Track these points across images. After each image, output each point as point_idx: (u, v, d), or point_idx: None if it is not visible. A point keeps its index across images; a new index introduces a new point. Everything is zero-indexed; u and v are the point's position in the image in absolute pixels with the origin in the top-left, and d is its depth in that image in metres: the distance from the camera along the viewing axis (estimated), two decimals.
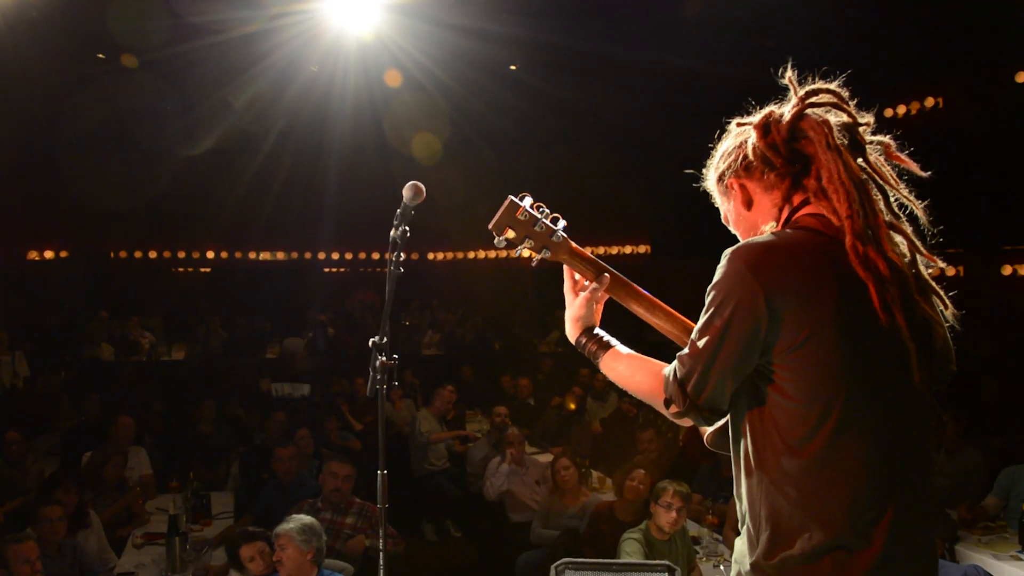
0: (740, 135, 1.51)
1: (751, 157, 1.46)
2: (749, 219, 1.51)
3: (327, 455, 5.03)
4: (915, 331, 1.32)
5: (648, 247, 13.50)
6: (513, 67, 9.04)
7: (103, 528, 4.35)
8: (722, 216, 1.60)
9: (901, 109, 9.14)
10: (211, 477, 5.79)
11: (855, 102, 1.45)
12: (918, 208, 1.43)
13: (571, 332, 1.68)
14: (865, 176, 1.39)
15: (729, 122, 1.55)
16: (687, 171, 1.63)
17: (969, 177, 6.68)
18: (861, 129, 1.42)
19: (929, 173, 1.44)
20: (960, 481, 5.07)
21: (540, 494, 5.40)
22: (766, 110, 1.47)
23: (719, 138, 1.57)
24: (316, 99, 9.09)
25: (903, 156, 1.43)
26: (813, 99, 1.42)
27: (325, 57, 7.97)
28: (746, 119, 1.50)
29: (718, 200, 1.59)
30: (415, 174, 2.09)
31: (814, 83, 1.44)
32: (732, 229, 1.59)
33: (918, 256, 1.41)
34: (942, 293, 1.42)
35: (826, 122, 1.40)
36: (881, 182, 1.41)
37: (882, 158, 1.43)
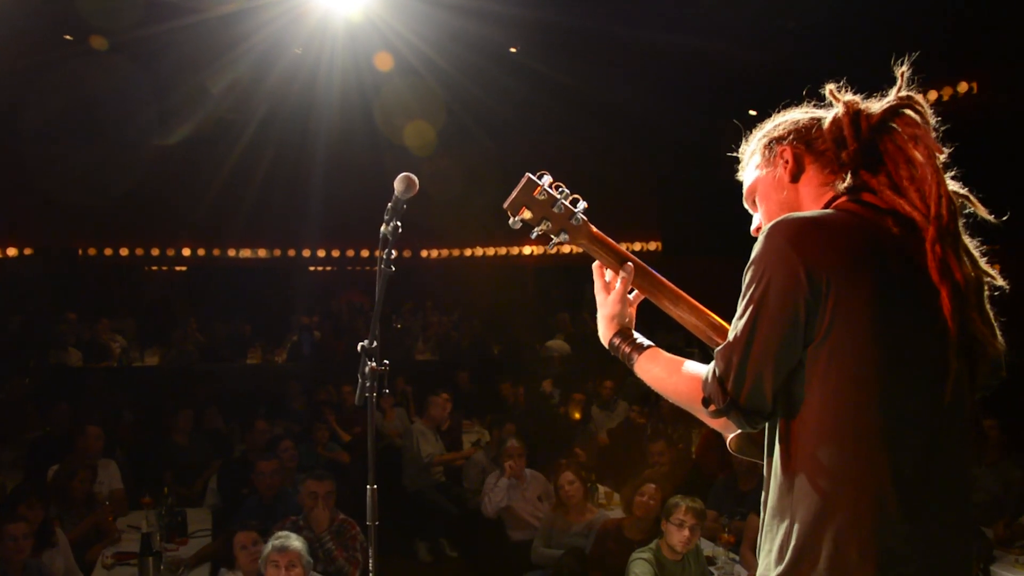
0: (810, 112, 1.54)
1: (824, 133, 1.48)
2: (790, 191, 1.51)
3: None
4: (962, 350, 1.33)
5: (658, 243, 13.51)
6: (513, 49, 9.05)
7: (70, 547, 4.35)
8: (745, 190, 1.60)
9: (932, 95, 9.13)
10: (187, 492, 5.79)
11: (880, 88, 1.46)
12: (980, 209, 1.44)
13: (604, 333, 1.70)
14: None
15: (748, 112, 1.56)
16: (699, 161, 1.64)
17: (1006, 167, 6.68)
18: None
19: (970, 183, 1.45)
20: (998, 496, 5.07)
21: (542, 510, 5.40)
22: (853, 96, 1.48)
23: (736, 125, 1.58)
24: (300, 84, 9.10)
25: (971, 197, 1.44)
26: (911, 103, 1.44)
27: (310, 39, 7.97)
28: (839, 92, 1.50)
29: (748, 167, 1.60)
30: (407, 165, 2.09)
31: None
32: (757, 199, 1.58)
33: (979, 268, 1.42)
34: (994, 321, 1.43)
35: (923, 126, 1.42)
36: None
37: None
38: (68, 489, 4.79)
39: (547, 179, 1.63)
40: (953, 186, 1.42)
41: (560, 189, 1.63)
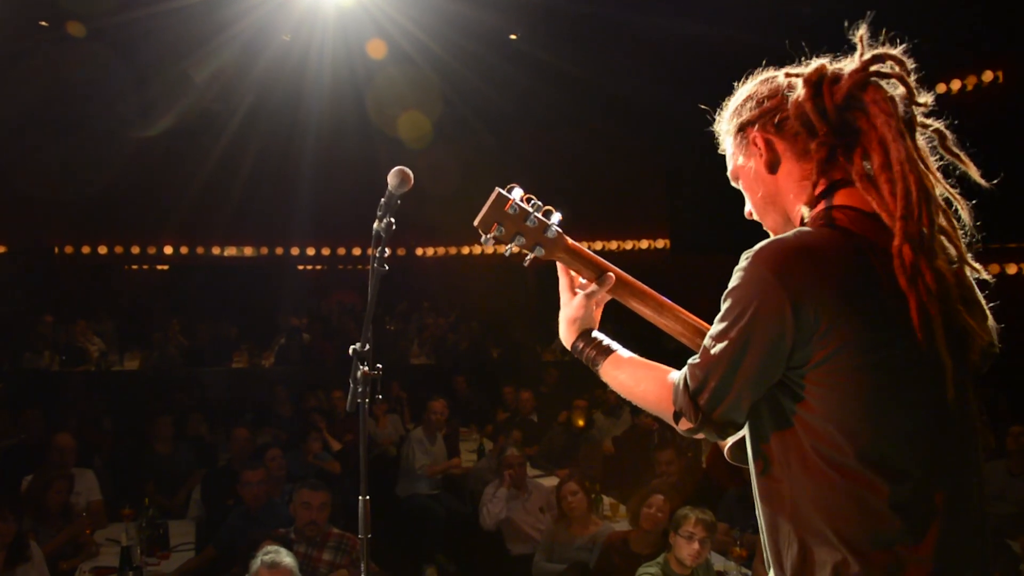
0: (777, 83, 1.49)
1: (790, 115, 1.44)
2: (770, 183, 1.50)
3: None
4: (953, 345, 1.32)
5: (666, 241, 13.51)
6: (513, 36, 9.05)
7: (46, 562, 4.35)
8: (729, 171, 1.58)
9: (956, 84, 9.13)
10: (169, 504, 5.79)
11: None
12: (963, 208, 1.42)
13: (566, 336, 1.70)
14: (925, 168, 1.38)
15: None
16: (710, 155, 1.64)
17: None
18: (916, 109, 1.41)
19: (994, 177, 1.43)
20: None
21: (544, 523, 5.40)
22: (818, 63, 1.44)
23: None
24: (289, 73, 9.09)
25: (961, 155, 1.42)
26: (878, 66, 1.39)
27: (299, 25, 7.98)
28: (796, 69, 1.47)
29: (727, 150, 1.57)
30: (402, 158, 2.09)
31: (878, 49, 1.42)
32: (742, 187, 1.57)
33: (963, 258, 1.41)
34: (984, 304, 1.43)
35: (893, 99, 1.37)
36: (928, 171, 1.39)
37: (930, 145, 1.43)
38: (43, 500, 4.79)
39: (518, 192, 1.63)
40: (927, 160, 1.39)
41: (532, 202, 1.63)
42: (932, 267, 1.30)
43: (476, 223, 1.62)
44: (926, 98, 1.42)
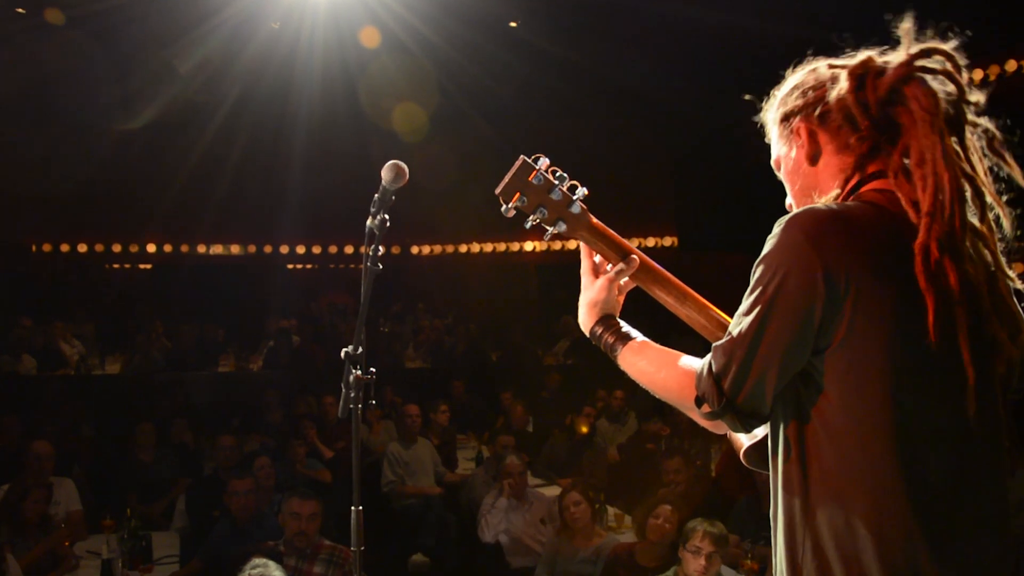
0: (822, 73, 1.51)
1: (832, 107, 1.46)
2: (809, 176, 1.51)
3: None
4: (978, 355, 1.32)
5: (674, 238, 13.53)
6: (513, 24, 9.05)
7: (23, 575, 4.35)
8: (772, 159, 1.61)
9: (994, 70, 9.12)
10: (152, 514, 5.80)
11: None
12: (1006, 216, 1.42)
13: (586, 320, 1.71)
14: (965, 169, 1.38)
15: (766, 96, 1.56)
16: (719, 148, 1.65)
17: None
18: (967, 107, 1.42)
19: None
20: None
21: (545, 534, 5.40)
22: (864, 55, 1.46)
23: (758, 105, 1.58)
24: (278, 63, 9.10)
25: (1010, 160, 1.42)
26: (924, 61, 1.41)
27: (289, 12, 7.99)
28: (840, 61, 1.49)
29: (772, 138, 1.60)
30: (396, 152, 2.10)
31: (928, 40, 1.42)
32: (781, 176, 1.59)
33: (999, 266, 1.41)
34: (1020, 312, 1.42)
35: (936, 95, 1.38)
36: (971, 173, 1.40)
37: (980, 144, 1.43)
38: (20, 511, 4.78)
39: (544, 162, 1.64)
40: (976, 162, 1.40)
41: (558, 174, 1.64)
42: (958, 269, 1.30)
43: (498, 191, 1.63)
44: (977, 96, 1.43)
